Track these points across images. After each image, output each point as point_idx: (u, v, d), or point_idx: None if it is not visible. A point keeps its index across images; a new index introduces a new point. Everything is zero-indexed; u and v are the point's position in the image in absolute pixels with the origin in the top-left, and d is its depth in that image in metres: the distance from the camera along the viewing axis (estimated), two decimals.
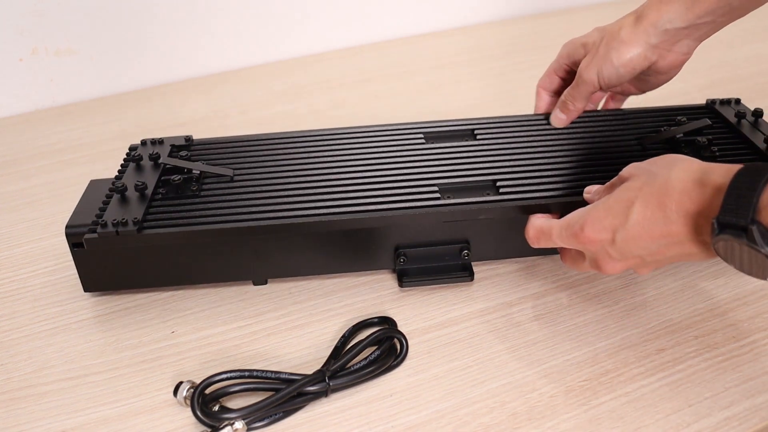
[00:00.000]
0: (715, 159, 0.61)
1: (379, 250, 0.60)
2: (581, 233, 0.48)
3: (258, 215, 0.56)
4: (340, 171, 0.62)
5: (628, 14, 0.61)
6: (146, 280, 0.60)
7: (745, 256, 0.40)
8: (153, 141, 0.68)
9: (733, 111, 0.69)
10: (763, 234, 0.38)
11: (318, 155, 0.64)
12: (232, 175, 0.62)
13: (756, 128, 0.66)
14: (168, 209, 0.58)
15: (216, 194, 0.60)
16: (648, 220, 0.44)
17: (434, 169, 0.62)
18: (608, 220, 0.47)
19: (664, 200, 0.44)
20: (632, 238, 0.45)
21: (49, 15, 0.96)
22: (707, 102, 0.72)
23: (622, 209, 0.46)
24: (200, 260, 0.59)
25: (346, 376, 0.51)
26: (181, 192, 0.60)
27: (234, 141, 0.68)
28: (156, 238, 0.55)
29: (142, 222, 0.56)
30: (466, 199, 0.58)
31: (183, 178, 0.60)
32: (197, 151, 0.66)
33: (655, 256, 0.46)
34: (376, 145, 0.66)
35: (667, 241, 0.44)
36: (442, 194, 0.59)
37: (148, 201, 0.58)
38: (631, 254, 0.47)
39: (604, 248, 0.48)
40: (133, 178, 0.62)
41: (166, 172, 0.62)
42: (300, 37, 1.14)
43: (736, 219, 0.39)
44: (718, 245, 0.41)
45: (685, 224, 0.43)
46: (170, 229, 0.55)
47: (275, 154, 0.65)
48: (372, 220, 0.56)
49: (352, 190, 0.59)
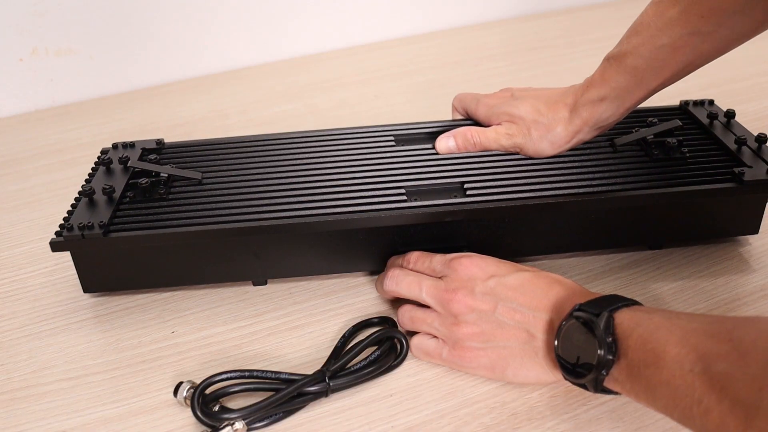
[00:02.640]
0: (686, 160, 0.61)
1: (373, 252, 0.60)
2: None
3: (225, 218, 0.56)
4: (306, 174, 0.61)
5: (563, 101, 0.60)
6: (145, 280, 0.60)
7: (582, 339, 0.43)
8: (124, 144, 0.68)
9: (705, 112, 0.69)
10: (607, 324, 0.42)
11: (286, 158, 0.64)
12: (201, 178, 0.61)
13: (728, 129, 0.66)
14: (135, 212, 0.58)
15: (184, 197, 0.59)
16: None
17: (402, 171, 0.61)
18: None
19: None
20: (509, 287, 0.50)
21: (49, 15, 0.96)
22: (681, 103, 0.71)
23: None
24: (199, 261, 0.59)
25: (346, 377, 0.51)
26: (149, 195, 0.60)
27: (205, 144, 0.68)
28: (122, 241, 0.55)
29: (108, 225, 0.55)
30: (432, 201, 0.57)
31: (150, 181, 0.60)
32: (168, 155, 0.66)
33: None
34: (345, 147, 0.65)
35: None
36: (408, 197, 0.58)
37: (115, 204, 0.58)
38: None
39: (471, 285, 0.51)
40: (102, 181, 0.61)
41: (135, 175, 0.62)
42: (300, 37, 1.14)
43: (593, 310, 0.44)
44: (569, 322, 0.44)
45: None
46: (136, 232, 0.55)
47: (244, 158, 0.65)
48: (336, 223, 0.56)
49: (318, 193, 0.59)
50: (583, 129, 0.59)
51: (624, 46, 0.55)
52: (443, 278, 0.53)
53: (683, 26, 0.51)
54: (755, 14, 0.50)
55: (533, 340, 0.48)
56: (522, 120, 0.61)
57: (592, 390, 0.43)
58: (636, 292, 0.60)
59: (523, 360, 0.49)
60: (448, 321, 0.51)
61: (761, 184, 0.58)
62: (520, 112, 0.62)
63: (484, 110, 0.65)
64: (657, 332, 0.39)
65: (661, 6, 0.53)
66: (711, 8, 0.50)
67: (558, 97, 0.61)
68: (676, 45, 0.52)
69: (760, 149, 0.62)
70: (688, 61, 0.53)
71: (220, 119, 0.94)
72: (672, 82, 0.56)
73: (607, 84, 0.56)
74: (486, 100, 0.66)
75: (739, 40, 0.52)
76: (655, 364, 0.38)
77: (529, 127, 0.61)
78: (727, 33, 0.51)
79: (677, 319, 0.40)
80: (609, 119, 0.59)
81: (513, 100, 0.63)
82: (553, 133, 0.60)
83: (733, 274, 0.61)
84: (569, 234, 0.61)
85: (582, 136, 0.60)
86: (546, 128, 0.60)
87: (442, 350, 0.52)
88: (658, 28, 0.53)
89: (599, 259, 0.64)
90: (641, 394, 0.40)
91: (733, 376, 0.34)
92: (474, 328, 0.50)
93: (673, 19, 0.52)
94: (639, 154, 0.63)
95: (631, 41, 0.54)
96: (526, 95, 0.63)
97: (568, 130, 0.59)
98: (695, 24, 0.51)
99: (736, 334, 0.36)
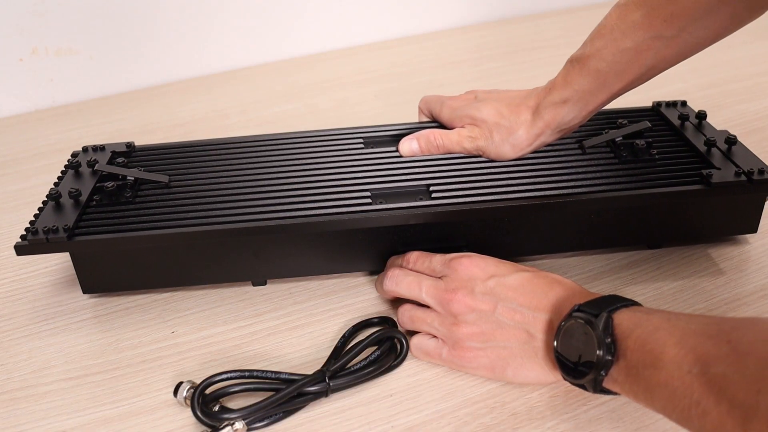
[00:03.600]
0: (655, 162, 0.61)
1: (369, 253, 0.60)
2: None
3: (189, 221, 0.56)
4: (274, 176, 0.61)
5: (525, 103, 0.60)
6: (145, 281, 0.60)
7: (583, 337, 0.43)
8: (95, 148, 0.68)
9: (677, 113, 0.68)
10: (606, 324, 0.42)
11: (255, 161, 0.64)
12: (168, 181, 0.61)
13: (699, 130, 0.65)
14: (101, 216, 0.57)
15: (151, 201, 0.59)
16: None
17: (369, 174, 0.61)
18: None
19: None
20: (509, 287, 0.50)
21: (49, 15, 0.96)
22: (653, 104, 0.71)
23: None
24: (197, 262, 0.59)
25: (346, 377, 0.51)
26: (116, 199, 0.59)
27: (175, 147, 0.67)
28: (87, 245, 0.55)
29: (73, 229, 0.55)
30: (397, 204, 0.57)
31: (117, 185, 0.60)
32: (138, 158, 0.66)
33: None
34: (313, 150, 0.65)
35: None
36: (374, 200, 0.58)
37: (81, 208, 0.58)
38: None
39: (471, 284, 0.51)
40: (70, 185, 0.61)
41: (102, 179, 0.62)
42: (300, 37, 1.14)
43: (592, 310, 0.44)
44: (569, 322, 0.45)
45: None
46: (101, 236, 0.55)
47: (212, 161, 0.64)
48: (302, 226, 0.55)
49: (283, 196, 0.58)
50: (545, 132, 0.59)
51: (587, 49, 0.55)
52: (443, 278, 0.53)
53: (646, 30, 0.51)
54: (717, 21, 0.50)
55: (533, 341, 0.48)
56: (484, 123, 0.61)
57: (591, 390, 0.43)
58: (636, 292, 0.60)
59: (522, 360, 0.49)
60: (448, 321, 0.51)
61: (729, 186, 0.57)
62: (482, 114, 0.61)
63: (447, 113, 0.65)
64: (656, 333, 0.39)
65: (624, 9, 0.53)
66: (674, 13, 0.50)
67: (521, 99, 0.60)
68: (639, 49, 0.52)
69: (730, 151, 0.61)
70: (650, 64, 0.53)
71: (220, 119, 0.94)
72: (635, 86, 0.56)
73: (569, 86, 0.56)
74: (450, 103, 0.66)
75: (702, 44, 0.52)
76: (653, 365, 0.38)
77: (491, 130, 0.61)
78: (690, 38, 0.51)
79: (676, 320, 0.40)
80: (572, 122, 0.58)
81: (476, 103, 0.63)
82: (515, 135, 0.60)
83: (733, 274, 0.61)
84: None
85: (544, 138, 0.60)
86: (508, 131, 0.60)
87: (442, 350, 0.52)
88: (621, 32, 0.53)
89: (599, 259, 0.64)
90: (640, 395, 0.40)
91: (731, 378, 0.34)
92: (474, 328, 0.50)
93: (636, 23, 0.52)
94: (608, 156, 0.62)
95: (595, 44, 0.54)
96: (490, 98, 0.63)
97: (530, 133, 0.59)
98: (658, 28, 0.51)
99: (735, 336, 0.36)
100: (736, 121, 0.85)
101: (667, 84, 0.95)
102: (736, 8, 0.49)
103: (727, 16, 0.49)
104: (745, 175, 0.58)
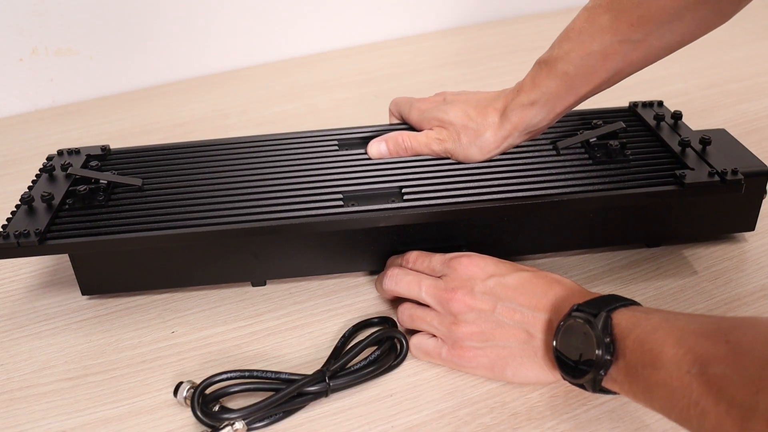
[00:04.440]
0: (629, 162, 0.61)
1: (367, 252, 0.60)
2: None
3: (162, 224, 0.56)
4: (246, 179, 0.61)
5: (493, 105, 0.60)
6: (144, 283, 0.60)
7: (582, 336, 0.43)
8: (70, 151, 0.67)
9: (653, 113, 0.68)
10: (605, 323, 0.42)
11: (228, 163, 0.64)
12: (141, 184, 0.61)
13: (674, 131, 0.65)
14: (73, 220, 0.57)
15: (123, 204, 0.59)
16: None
17: (341, 176, 0.61)
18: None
19: None
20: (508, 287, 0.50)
21: (49, 15, 0.96)
22: (630, 105, 0.70)
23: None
24: (196, 263, 0.59)
25: (346, 376, 0.51)
26: (88, 202, 0.59)
27: (151, 150, 0.67)
28: (58, 248, 0.55)
29: (44, 233, 0.55)
30: (368, 206, 0.57)
31: (90, 188, 0.59)
32: (113, 161, 0.66)
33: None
34: (287, 153, 0.65)
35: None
36: (346, 202, 0.58)
37: (54, 212, 0.57)
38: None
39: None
40: (43, 189, 0.61)
41: (76, 182, 0.61)
42: (300, 37, 1.14)
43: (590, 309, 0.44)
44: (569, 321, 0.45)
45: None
46: (73, 239, 0.55)
47: (186, 164, 0.64)
48: (279, 229, 0.55)
49: (256, 198, 0.58)
50: (513, 134, 0.59)
51: (555, 51, 0.55)
52: (443, 277, 0.53)
53: (614, 34, 0.51)
54: (684, 25, 0.50)
55: (532, 340, 0.48)
56: (452, 125, 0.61)
57: (590, 390, 0.43)
58: (636, 291, 0.60)
59: (522, 360, 0.49)
60: (448, 320, 0.51)
61: (703, 186, 0.57)
62: (450, 117, 0.61)
63: (416, 115, 0.65)
64: (655, 333, 0.39)
65: (592, 13, 0.53)
66: (641, 17, 0.50)
67: (488, 101, 0.60)
68: (606, 52, 0.52)
69: (704, 151, 0.61)
70: (618, 68, 0.53)
71: (220, 119, 0.94)
72: (603, 89, 0.55)
73: (537, 89, 0.56)
74: (419, 105, 0.65)
75: (670, 48, 0.52)
76: (652, 364, 0.38)
77: (459, 132, 0.60)
78: (657, 42, 0.51)
79: (675, 319, 0.40)
80: (539, 124, 0.58)
81: (444, 105, 0.63)
82: (483, 138, 0.59)
83: (733, 274, 0.61)
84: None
85: (512, 140, 0.60)
86: (475, 133, 0.60)
87: (441, 350, 0.52)
88: (589, 35, 0.52)
89: (599, 259, 0.64)
90: (639, 395, 0.40)
91: (730, 378, 0.34)
92: (473, 328, 0.50)
93: (603, 27, 0.52)
94: (582, 157, 0.62)
95: (563, 46, 0.54)
96: (458, 100, 0.63)
97: (497, 135, 0.59)
98: (625, 32, 0.51)
99: (734, 336, 0.36)
100: (736, 121, 0.85)
101: (668, 84, 0.95)
102: (702, 14, 0.49)
103: (695, 21, 0.50)
104: (718, 176, 0.57)
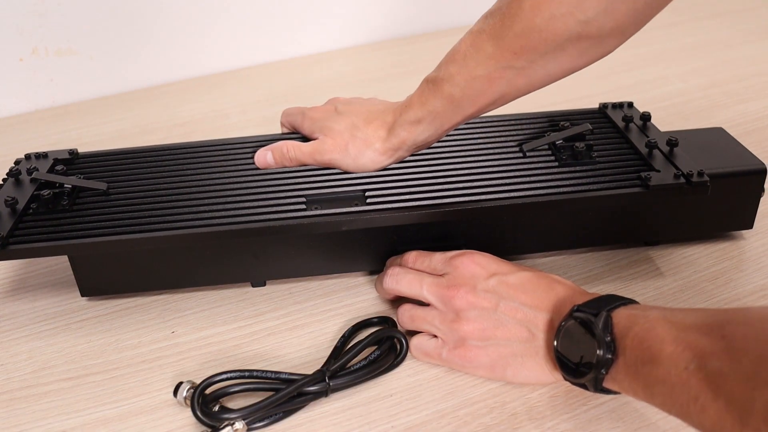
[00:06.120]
0: (595, 164, 0.60)
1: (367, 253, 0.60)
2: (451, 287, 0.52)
3: (127, 228, 0.56)
4: (211, 182, 0.61)
5: (382, 118, 0.60)
6: (143, 283, 0.60)
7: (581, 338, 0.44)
8: (37, 155, 0.67)
9: (621, 115, 0.68)
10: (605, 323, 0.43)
11: (195, 167, 0.63)
12: (106, 188, 0.60)
13: (642, 132, 0.65)
14: (37, 224, 0.57)
15: (88, 208, 0.58)
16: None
17: (304, 179, 0.61)
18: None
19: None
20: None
21: (49, 15, 0.96)
22: (600, 106, 0.70)
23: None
24: (195, 264, 0.59)
25: (346, 376, 0.51)
26: (53, 207, 0.58)
27: (118, 154, 0.67)
28: (21, 253, 0.54)
29: (7, 238, 0.55)
30: (331, 210, 0.57)
31: (54, 192, 0.59)
32: (80, 165, 0.65)
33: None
34: (250, 156, 0.64)
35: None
36: (308, 206, 0.58)
37: (17, 216, 0.57)
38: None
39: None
40: (7, 193, 0.60)
41: (41, 187, 0.61)
42: (300, 37, 1.14)
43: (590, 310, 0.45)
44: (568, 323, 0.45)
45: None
46: (36, 244, 0.54)
47: (154, 167, 0.64)
48: (239, 232, 0.55)
49: (220, 201, 0.58)
50: (402, 147, 0.59)
51: (441, 72, 0.55)
52: (444, 276, 0.53)
53: (497, 60, 0.52)
54: (566, 57, 0.50)
55: (534, 339, 0.48)
56: (340, 136, 0.61)
57: (591, 389, 0.43)
58: (636, 291, 0.60)
59: (523, 359, 0.49)
60: (449, 318, 0.51)
61: (668, 188, 0.57)
62: (339, 127, 0.61)
63: (308, 124, 0.65)
64: (653, 330, 0.39)
65: (477, 38, 0.53)
66: (523, 47, 0.50)
67: (377, 114, 0.61)
68: (491, 77, 0.52)
69: (672, 153, 0.61)
70: (503, 92, 0.53)
71: (220, 119, 0.94)
72: (491, 109, 0.56)
73: (424, 107, 0.56)
74: (311, 114, 0.65)
75: (555, 76, 0.53)
76: (651, 361, 0.39)
77: (347, 143, 0.60)
78: (541, 70, 0.52)
79: (673, 315, 0.40)
80: (427, 140, 0.59)
81: (335, 115, 0.63)
82: (372, 149, 0.60)
83: (732, 274, 0.61)
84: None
85: (402, 153, 0.60)
86: (364, 144, 0.60)
87: (442, 350, 0.52)
88: (474, 60, 0.53)
89: (599, 259, 0.64)
90: (639, 392, 0.40)
91: (727, 374, 0.34)
92: (475, 325, 0.50)
93: (488, 54, 0.52)
94: (548, 159, 0.62)
95: (449, 69, 0.54)
96: (348, 111, 0.63)
97: (386, 147, 0.59)
98: (509, 59, 0.51)
99: (729, 331, 0.36)
100: (736, 121, 0.85)
101: (668, 84, 0.95)
102: (584, 46, 0.50)
103: (577, 52, 0.50)
104: (684, 177, 0.57)
